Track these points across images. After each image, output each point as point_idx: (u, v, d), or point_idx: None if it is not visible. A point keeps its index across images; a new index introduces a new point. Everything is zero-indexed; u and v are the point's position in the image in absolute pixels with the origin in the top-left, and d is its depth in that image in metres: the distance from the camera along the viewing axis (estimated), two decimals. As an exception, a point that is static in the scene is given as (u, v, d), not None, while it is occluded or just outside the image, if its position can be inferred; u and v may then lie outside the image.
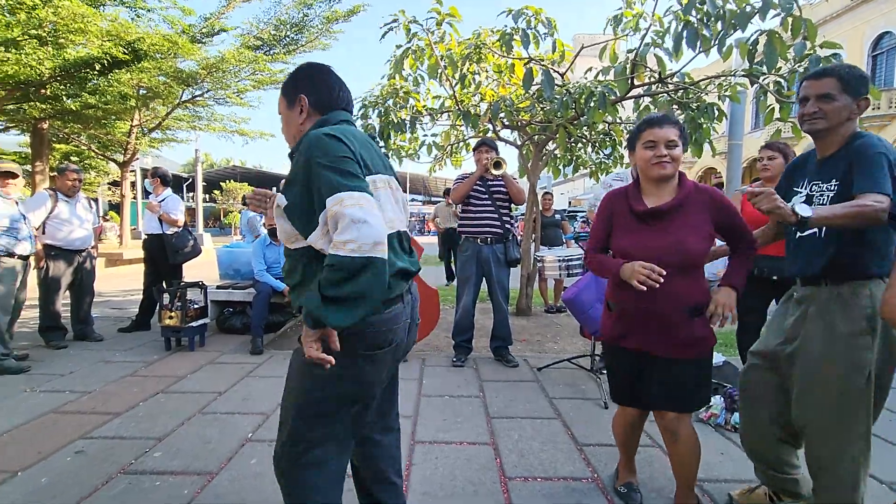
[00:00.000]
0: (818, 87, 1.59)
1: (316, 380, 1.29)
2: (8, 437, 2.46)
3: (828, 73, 1.58)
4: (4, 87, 8.66)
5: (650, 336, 1.72)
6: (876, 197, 1.43)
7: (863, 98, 1.57)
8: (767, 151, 3.01)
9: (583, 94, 4.34)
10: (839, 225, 1.49)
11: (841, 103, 1.56)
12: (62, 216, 4.16)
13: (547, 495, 2.00)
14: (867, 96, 1.57)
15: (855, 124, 1.61)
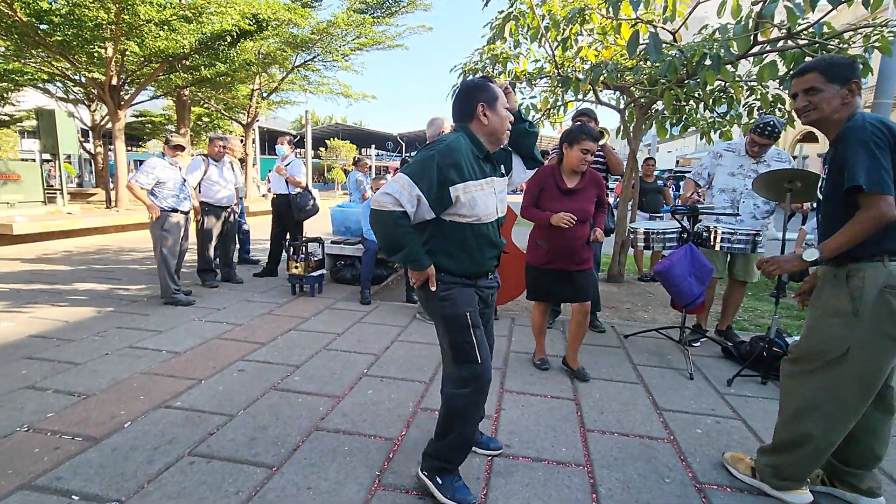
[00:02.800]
0: (803, 83, 1.72)
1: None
2: (191, 354, 3.21)
3: (808, 69, 1.71)
4: (157, 59, 10.04)
5: (567, 259, 2.86)
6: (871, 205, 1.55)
7: (853, 82, 1.65)
8: None
9: (695, 55, 4.09)
10: (852, 242, 1.61)
11: (829, 93, 1.67)
12: (213, 178, 4.97)
13: (621, 448, 2.22)
14: (855, 79, 1.65)
15: (852, 108, 1.65)
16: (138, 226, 9.00)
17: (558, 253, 2.87)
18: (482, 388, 1.82)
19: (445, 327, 1.81)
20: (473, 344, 1.77)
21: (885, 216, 1.54)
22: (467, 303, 1.80)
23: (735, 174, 3.57)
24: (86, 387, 2.68)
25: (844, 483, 1.88)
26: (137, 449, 2.09)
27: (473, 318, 1.79)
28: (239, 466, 1.98)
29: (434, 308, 1.82)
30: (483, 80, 1.82)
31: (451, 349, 1.81)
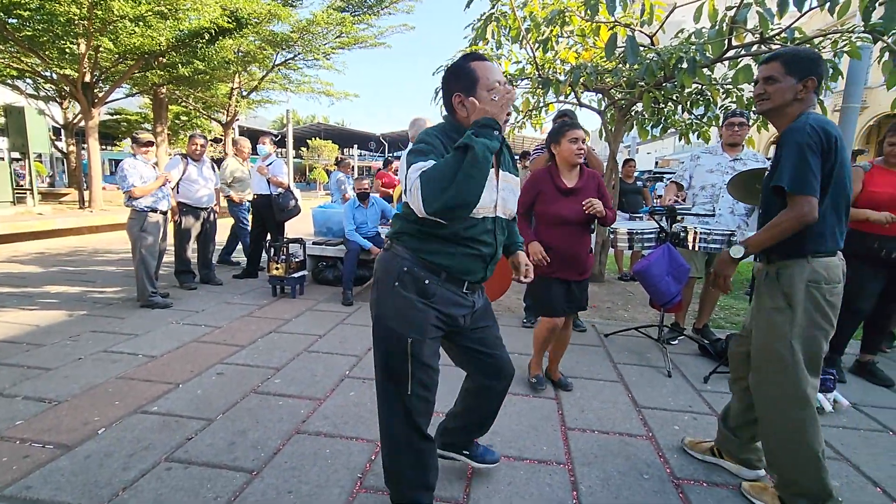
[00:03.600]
0: (765, 71, 1.74)
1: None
2: (168, 357, 3.15)
3: (774, 57, 1.73)
4: (133, 56, 9.81)
5: (572, 268, 2.65)
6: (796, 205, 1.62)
7: (809, 79, 1.67)
8: None
9: (672, 58, 4.17)
10: (776, 240, 1.69)
11: (785, 84, 1.69)
12: (191, 177, 4.87)
13: (602, 446, 2.25)
14: (812, 76, 1.66)
15: (806, 105, 1.70)
16: (113, 226, 8.77)
17: (561, 261, 2.62)
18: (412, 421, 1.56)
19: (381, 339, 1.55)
20: (407, 373, 1.52)
21: (806, 217, 1.61)
22: (416, 324, 1.51)
23: (713, 171, 3.67)
24: (57, 393, 2.60)
25: (728, 454, 2.04)
26: (112, 456, 2.04)
27: (416, 348, 1.50)
28: (217, 471, 1.95)
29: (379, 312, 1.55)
30: (461, 61, 1.53)
31: (381, 362, 1.57)
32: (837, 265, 1.74)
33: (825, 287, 1.71)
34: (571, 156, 2.58)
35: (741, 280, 5.92)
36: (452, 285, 1.56)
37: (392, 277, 1.53)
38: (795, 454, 1.73)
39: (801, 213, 1.61)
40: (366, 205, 5.01)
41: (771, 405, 1.79)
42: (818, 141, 1.61)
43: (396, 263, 1.54)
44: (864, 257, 2.93)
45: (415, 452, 1.60)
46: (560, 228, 2.64)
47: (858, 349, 3.22)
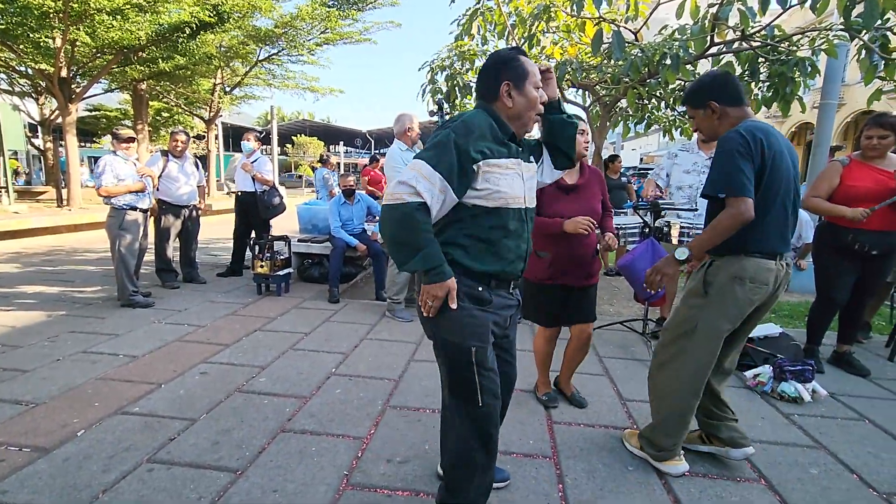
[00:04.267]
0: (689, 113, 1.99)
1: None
2: (150, 357, 3.09)
3: (683, 101, 2.03)
4: (111, 51, 9.59)
5: (574, 273, 2.41)
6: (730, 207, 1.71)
7: (707, 104, 1.86)
8: (878, 130, 2.87)
9: (655, 54, 4.21)
10: (717, 241, 1.77)
11: (698, 118, 1.93)
12: (172, 174, 4.77)
13: (587, 439, 2.27)
14: (708, 100, 1.85)
15: (732, 119, 1.84)
16: (92, 225, 8.59)
17: (564, 265, 2.40)
18: (486, 428, 1.54)
19: (444, 355, 1.54)
20: (476, 386, 1.49)
21: (742, 216, 1.69)
22: (477, 333, 1.49)
23: (690, 171, 3.71)
24: (35, 395, 2.54)
25: (714, 438, 2.10)
26: (91, 458, 1.99)
27: (479, 356, 1.49)
28: (201, 472, 1.92)
29: (438, 329, 1.52)
30: (513, 53, 1.55)
31: (448, 378, 1.56)
32: (771, 269, 1.81)
33: (748, 285, 1.80)
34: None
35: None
36: (502, 290, 1.58)
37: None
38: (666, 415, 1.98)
39: (738, 212, 1.69)
40: (351, 201, 4.97)
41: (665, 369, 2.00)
42: (745, 144, 1.71)
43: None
44: (840, 250, 3.00)
45: (483, 469, 1.59)
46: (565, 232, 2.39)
47: (836, 340, 3.29)
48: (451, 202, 1.47)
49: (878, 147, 2.87)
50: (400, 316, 4.04)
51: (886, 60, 3.61)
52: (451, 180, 1.42)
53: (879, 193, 2.84)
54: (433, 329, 1.54)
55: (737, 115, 1.83)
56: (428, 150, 1.45)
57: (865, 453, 2.20)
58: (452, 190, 1.43)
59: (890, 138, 2.84)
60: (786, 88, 4.19)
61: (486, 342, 1.51)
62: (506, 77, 1.52)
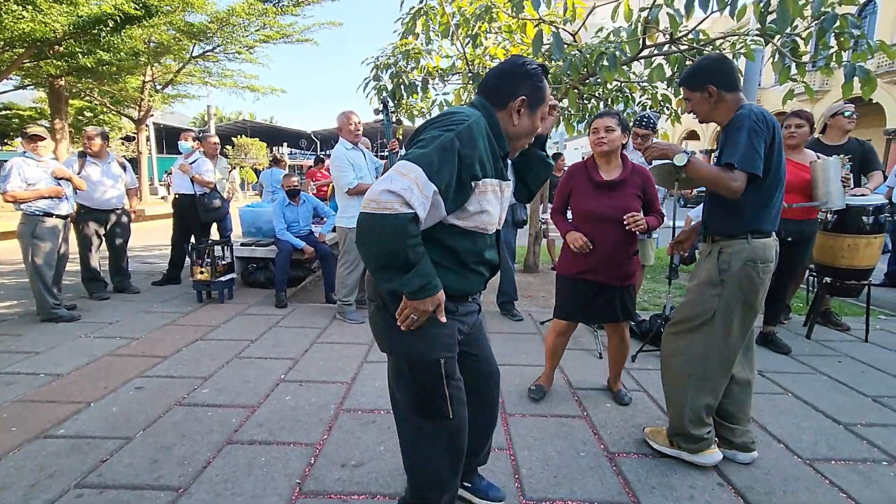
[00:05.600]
0: (683, 94, 2.02)
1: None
2: (77, 375, 2.85)
3: (680, 83, 2.02)
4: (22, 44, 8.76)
5: (605, 271, 2.37)
6: (734, 175, 1.76)
7: (706, 87, 1.88)
8: (795, 119, 3.18)
9: (593, 55, 4.37)
10: (703, 181, 1.87)
11: (695, 100, 1.94)
12: (92, 178, 4.40)
13: (540, 428, 2.32)
14: (706, 84, 1.87)
15: (730, 102, 1.88)
16: (3, 234, 7.82)
17: (594, 262, 2.37)
18: (457, 443, 1.46)
19: (409, 370, 1.41)
20: (447, 399, 1.39)
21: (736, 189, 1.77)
22: (446, 343, 1.39)
23: None
24: (-62, 424, 2.27)
25: (723, 440, 2.08)
26: (9, 489, 1.80)
27: (449, 367, 1.39)
28: (139, 493, 1.79)
29: (400, 343, 1.39)
30: (540, 70, 1.41)
31: (413, 396, 1.43)
32: (771, 246, 1.91)
33: (760, 266, 1.87)
34: (592, 145, 2.40)
35: (662, 266, 6.35)
36: (464, 298, 1.48)
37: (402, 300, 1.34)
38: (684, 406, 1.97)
39: (739, 185, 1.75)
40: (297, 202, 4.82)
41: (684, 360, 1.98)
42: (762, 124, 1.78)
43: None
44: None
45: (452, 483, 1.51)
46: (593, 226, 2.37)
47: (761, 322, 3.56)
48: (436, 219, 1.32)
49: (796, 135, 3.16)
50: (351, 318, 3.96)
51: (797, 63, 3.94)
52: (447, 195, 1.26)
53: (798, 185, 3.12)
54: (394, 342, 1.40)
55: (733, 99, 1.87)
56: (427, 154, 1.23)
57: (790, 424, 2.39)
58: (444, 206, 1.28)
59: (805, 128, 3.14)
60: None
61: (454, 352, 1.43)
62: (523, 93, 1.39)
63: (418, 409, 1.43)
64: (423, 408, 1.42)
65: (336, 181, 3.99)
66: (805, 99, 13.38)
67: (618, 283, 2.39)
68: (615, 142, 2.34)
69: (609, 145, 2.34)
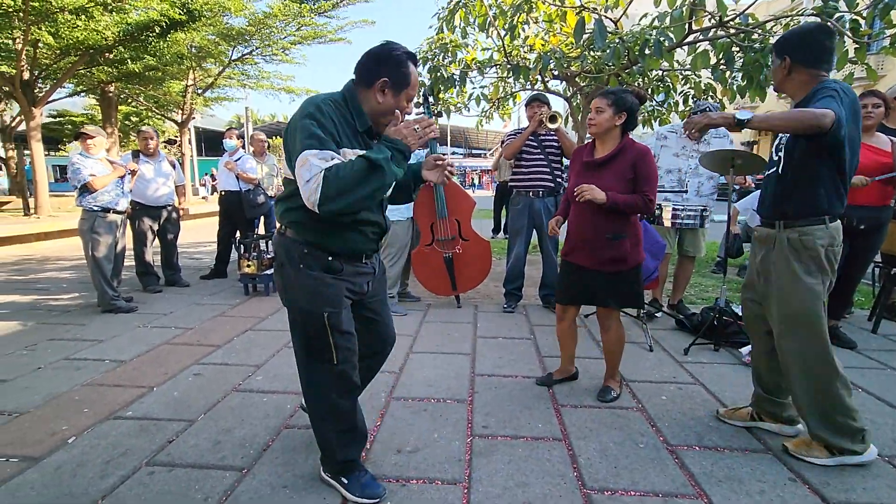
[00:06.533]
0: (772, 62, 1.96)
1: None
2: (138, 361, 2.97)
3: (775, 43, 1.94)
4: (76, 52, 9.23)
5: (586, 255, 2.34)
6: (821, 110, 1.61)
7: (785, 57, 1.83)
8: (872, 98, 3.05)
9: (636, 42, 4.25)
10: (783, 125, 1.72)
11: (775, 65, 1.91)
12: (146, 176, 4.59)
13: (595, 419, 2.27)
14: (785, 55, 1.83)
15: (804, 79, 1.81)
16: (63, 233, 8.26)
17: (576, 243, 2.38)
18: (343, 385, 1.66)
19: (300, 320, 1.61)
20: (332, 346, 1.59)
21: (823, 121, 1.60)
22: (329, 300, 1.57)
23: (679, 155, 3.76)
24: (17, 404, 2.41)
25: (768, 414, 2.08)
26: (86, 465, 1.90)
27: (333, 320, 1.57)
28: (205, 472, 1.85)
29: (294, 299, 1.60)
30: (402, 55, 1.53)
31: (303, 341, 1.63)
32: (839, 228, 1.85)
33: (836, 249, 1.82)
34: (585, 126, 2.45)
35: (708, 259, 6.14)
36: (353, 260, 1.64)
37: (296, 261, 1.57)
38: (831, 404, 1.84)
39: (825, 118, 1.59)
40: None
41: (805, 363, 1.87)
42: (845, 95, 1.69)
43: (296, 247, 1.57)
44: None
45: (345, 416, 1.70)
46: (576, 206, 2.37)
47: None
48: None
49: (873, 115, 2.99)
50: (394, 310, 3.99)
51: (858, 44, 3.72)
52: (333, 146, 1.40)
53: (875, 169, 2.96)
54: (290, 298, 1.62)
55: (809, 76, 1.80)
56: (307, 140, 1.38)
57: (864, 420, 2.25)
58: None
59: (881, 108, 2.97)
60: (760, 76, 4.27)
61: (338, 307, 1.59)
62: (385, 74, 1.50)
63: (307, 355, 1.65)
64: (311, 353, 1.63)
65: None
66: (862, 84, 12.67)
67: (600, 268, 2.32)
68: (604, 123, 2.26)
69: (597, 127, 2.28)
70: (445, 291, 4.19)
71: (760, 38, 4.36)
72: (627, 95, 2.26)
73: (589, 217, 2.30)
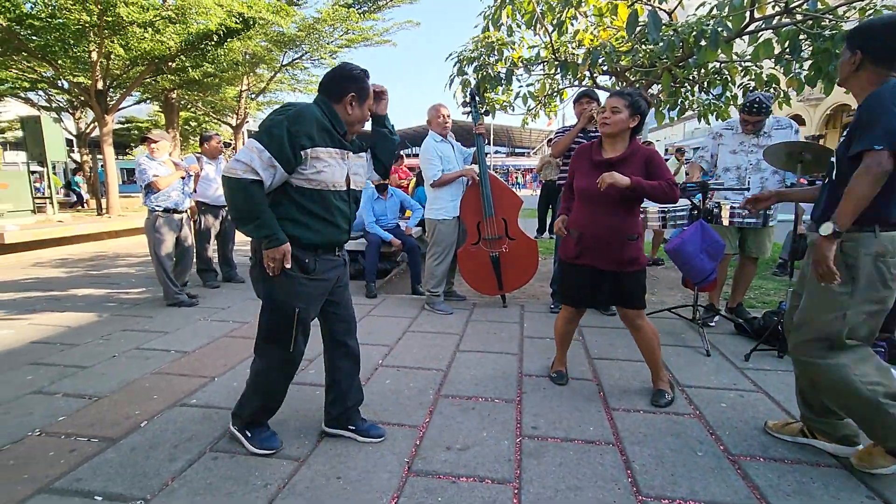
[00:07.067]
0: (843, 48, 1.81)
1: None
2: (200, 353, 3.15)
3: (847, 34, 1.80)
4: (143, 62, 9.87)
5: (600, 255, 2.31)
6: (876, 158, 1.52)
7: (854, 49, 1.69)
8: None
9: (692, 33, 4.07)
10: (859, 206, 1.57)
11: (844, 56, 1.75)
12: (209, 177, 4.87)
13: (649, 424, 2.19)
14: (857, 49, 1.68)
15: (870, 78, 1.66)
16: (132, 231, 8.86)
17: (586, 245, 2.34)
18: (290, 369, 1.96)
19: (271, 309, 1.85)
20: (292, 337, 1.84)
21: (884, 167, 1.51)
22: (304, 297, 1.83)
23: (737, 152, 3.57)
24: (96, 389, 2.61)
25: (821, 432, 1.93)
26: (157, 447, 2.03)
27: (302, 315, 1.83)
28: (263, 460, 1.93)
29: (265, 288, 1.84)
30: (362, 73, 1.87)
31: (268, 327, 1.88)
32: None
33: (890, 261, 1.65)
34: (598, 126, 2.36)
35: (770, 261, 5.80)
36: (328, 254, 1.89)
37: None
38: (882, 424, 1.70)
39: (881, 167, 1.50)
40: (385, 196, 4.98)
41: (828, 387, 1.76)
42: None
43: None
44: None
45: (277, 397, 2.01)
46: (586, 207, 2.35)
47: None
48: (282, 178, 1.72)
49: None
50: (440, 308, 4.02)
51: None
52: (281, 159, 1.66)
53: None
54: (267, 290, 1.84)
55: (877, 76, 1.64)
56: (261, 132, 1.68)
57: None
58: (282, 167, 1.68)
59: None
60: (829, 66, 3.99)
61: (309, 304, 1.86)
62: (352, 90, 1.83)
63: (267, 339, 1.90)
64: (271, 339, 1.89)
65: (424, 173, 4.07)
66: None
67: (615, 268, 2.31)
68: (619, 124, 2.25)
69: (612, 127, 2.26)
70: (491, 291, 4.18)
71: (831, 23, 4.07)
72: (641, 99, 2.27)
73: (604, 218, 2.29)
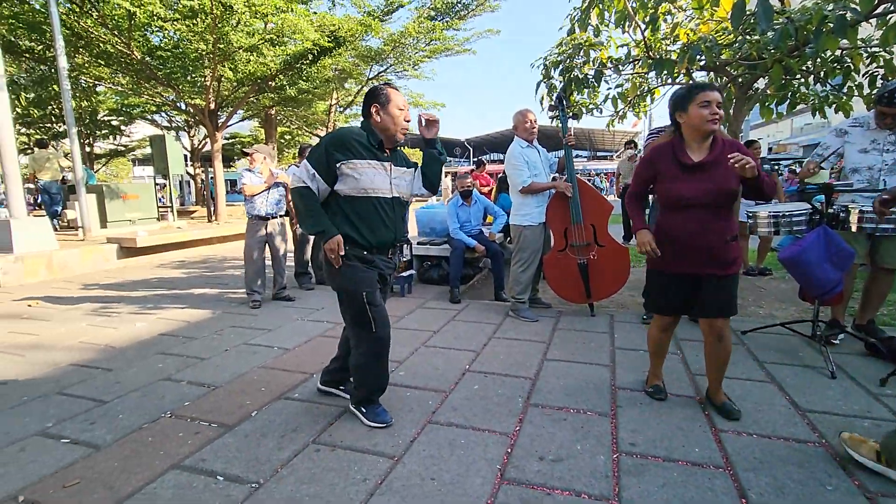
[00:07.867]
0: None
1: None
2: (299, 350, 3.38)
3: None
4: (248, 83, 10.87)
5: (701, 261, 2.19)
6: None
7: None
8: None
9: (810, 20, 3.67)
10: None
11: None
12: (307, 186, 5.21)
13: (764, 450, 1.99)
14: None
15: None
16: (237, 236, 9.75)
17: (686, 251, 2.20)
18: (378, 348, 2.24)
19: (346, 299, 2.20)
20: (370, 318, 2.17)
21: None
22: (365, 282, 2.18)
23: (868, 150, 3.16)
24: (213, 379, 2.89)
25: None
26: (267, 436, 2.20)
27: (370, 297, 2.17)
28: (362, 455, 2.02)
29: (336, 281, 2.22)
30: (378, 87, 2.22)
31: (351, 315, 2.22)
32: None
33: None
34: (703, 123, 2.09)
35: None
36: (381, 254, 2.29)
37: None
38: None
39: None
40: (469, 203, 5.03)
41: None
42: None
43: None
44: None
45: (382, 370, 2.31)
46: (682, 213, 2.19)
47: None
48: (325, 189, 2.15)
49: None
50: (525, 315, 3.96)
51: None
52: (320, 172, 2.12)
53: None
54: (338, 283, 2.21)
55: None
56: (310, 153, 2.15)
57: None
58: (321, 177, 2.12)
59: None
60: None
61: (373, 288, 2.22)
62: (373, 101, 2.21)
63: (354, 325, 2.24)
64: (357, 321, 2.22)
65: (510, 179, 4.05)
66: None
67: (720, 272, 2.18)
68: (722, 118, 2.14)
69: (721, 121, 2.13)
70: (578, 299, 4.05)
71: None
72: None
73: (711, 223, 2.17)
